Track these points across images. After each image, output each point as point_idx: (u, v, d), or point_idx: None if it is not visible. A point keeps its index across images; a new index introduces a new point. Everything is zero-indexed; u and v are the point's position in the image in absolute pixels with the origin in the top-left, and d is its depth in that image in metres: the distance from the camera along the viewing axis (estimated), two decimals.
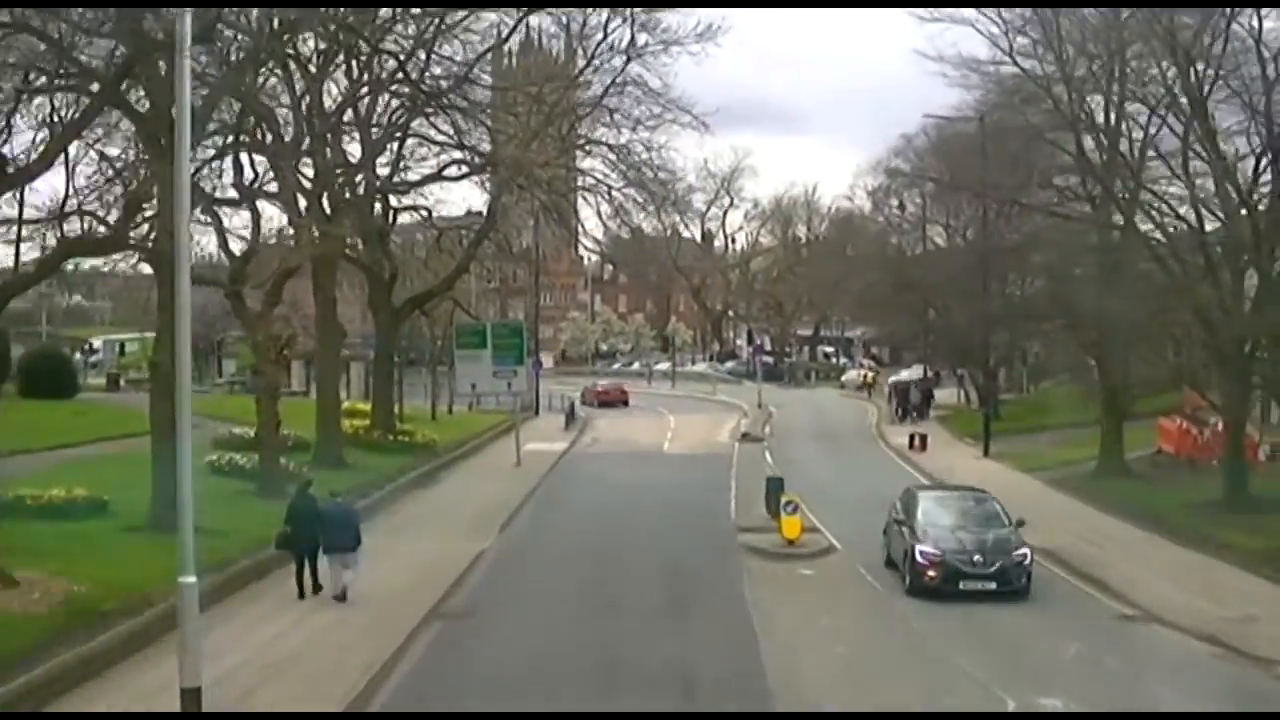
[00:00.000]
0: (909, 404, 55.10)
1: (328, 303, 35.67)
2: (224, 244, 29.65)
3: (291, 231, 30.40)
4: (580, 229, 44.91)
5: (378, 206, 41.20)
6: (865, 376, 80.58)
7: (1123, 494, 31.21)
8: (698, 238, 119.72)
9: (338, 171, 35.24)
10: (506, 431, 50.92)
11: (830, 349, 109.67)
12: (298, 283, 36.62)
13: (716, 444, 49.99)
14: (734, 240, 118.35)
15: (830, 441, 50.27)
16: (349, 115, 33.72)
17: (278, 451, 29.05)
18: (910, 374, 69.15)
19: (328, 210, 33.80)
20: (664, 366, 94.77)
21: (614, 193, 40.24)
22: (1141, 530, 27.54)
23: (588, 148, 41.41)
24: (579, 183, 42.38)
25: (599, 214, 41.51)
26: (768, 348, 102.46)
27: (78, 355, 68.80)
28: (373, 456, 37.69)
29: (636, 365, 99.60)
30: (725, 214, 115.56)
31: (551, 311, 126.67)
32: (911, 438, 43.07)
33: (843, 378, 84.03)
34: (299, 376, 59.90)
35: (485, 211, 40.65)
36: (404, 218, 42.65)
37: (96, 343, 77.37)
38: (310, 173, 32.00)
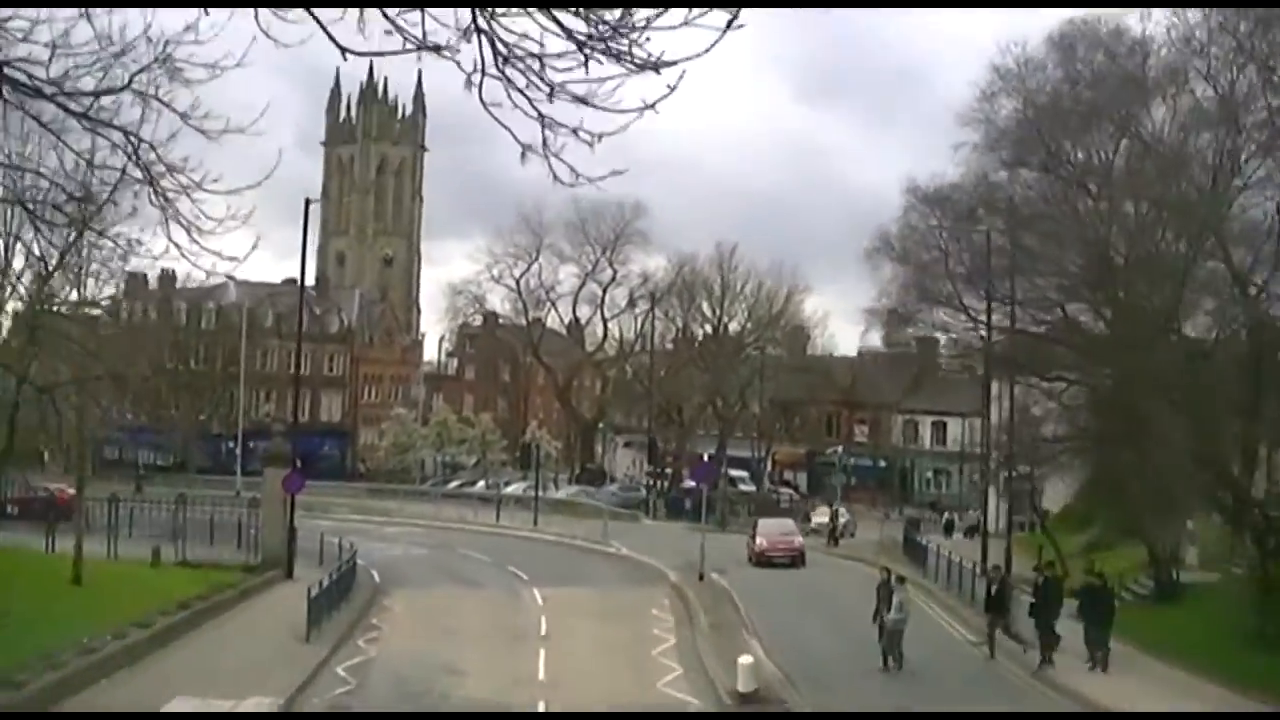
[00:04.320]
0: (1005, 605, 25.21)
1: None
2: None
3: None
4: None
5: None
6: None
7: None
8: (563, 327, 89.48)
9: None
10: (193, 625, 21.70)
11: (742, 473, 79.64)
12: None
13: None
14: (616, 323, 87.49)
15: None
16: None
17: None
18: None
19: None
20: (515, 489, 63.98)
21: None
22: None
23: None
24: None
25: None
26: (654, 469, 73.08)
27: None
28: None
29: (481, 485, 68.40)
30: (605, 291, 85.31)
31: (375, 409, 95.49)
32: None
33: (812, 519, 56.64)
34: None
35: None
36: None
37: None
38: None
